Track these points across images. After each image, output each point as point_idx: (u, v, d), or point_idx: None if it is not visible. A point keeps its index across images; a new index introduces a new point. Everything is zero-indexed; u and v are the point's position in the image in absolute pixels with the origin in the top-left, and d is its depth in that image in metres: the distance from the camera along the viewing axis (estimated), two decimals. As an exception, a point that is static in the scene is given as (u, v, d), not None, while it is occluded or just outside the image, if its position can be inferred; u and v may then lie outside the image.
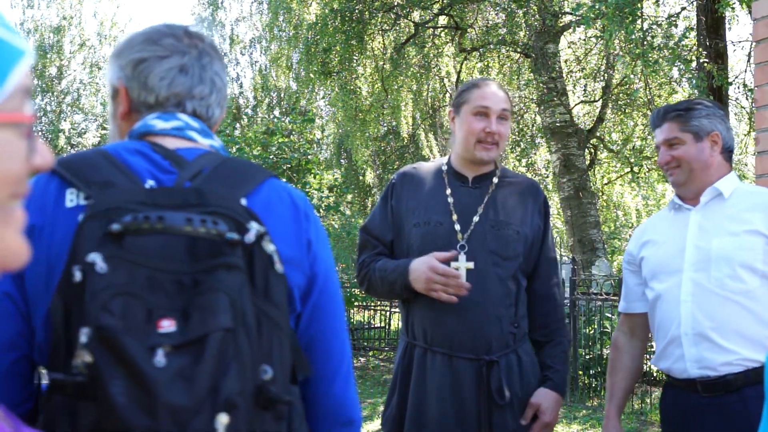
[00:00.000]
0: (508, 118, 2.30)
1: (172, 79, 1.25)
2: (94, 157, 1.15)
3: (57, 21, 25.66)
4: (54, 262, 1.07)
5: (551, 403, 2.22)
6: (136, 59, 1.25)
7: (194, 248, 1.03)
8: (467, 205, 2.27)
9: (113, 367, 0.92)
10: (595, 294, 7.48)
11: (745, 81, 10.31)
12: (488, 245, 2.21)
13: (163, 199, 1.08)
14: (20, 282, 1.09)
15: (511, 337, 2.21)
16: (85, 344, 0.93)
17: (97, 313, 0.94)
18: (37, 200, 1.10)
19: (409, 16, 12.94)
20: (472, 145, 2.26)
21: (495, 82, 2.40)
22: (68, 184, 1.12)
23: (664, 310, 2.15)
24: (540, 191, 2.37)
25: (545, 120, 11.80)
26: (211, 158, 1.21)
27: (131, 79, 1.25)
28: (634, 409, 6.07)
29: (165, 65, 1.26)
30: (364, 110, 13.62)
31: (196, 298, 0.99)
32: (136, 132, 1.23)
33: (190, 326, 0.97)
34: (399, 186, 2.38)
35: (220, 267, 1.01)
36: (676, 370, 2.12)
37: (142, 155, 1.18)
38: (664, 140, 2.18)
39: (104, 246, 0.99)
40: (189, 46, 1.28)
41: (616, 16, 7.62)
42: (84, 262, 0.97)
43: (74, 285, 0.98)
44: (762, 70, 2.81)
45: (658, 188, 19.60)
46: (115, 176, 1.13)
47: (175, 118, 1.24)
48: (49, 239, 1.09)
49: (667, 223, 2.25)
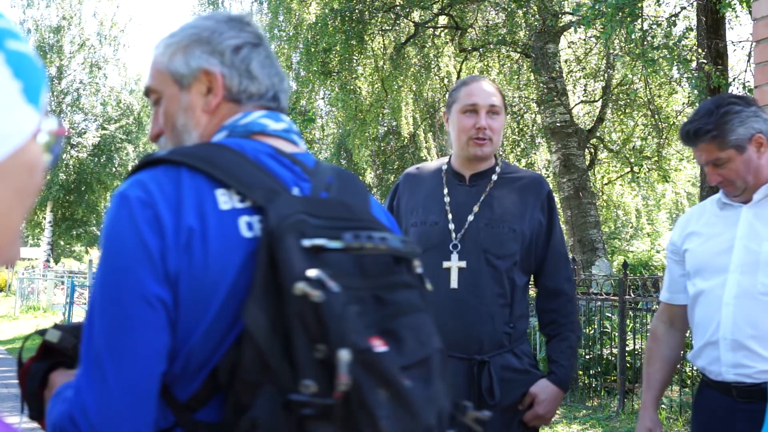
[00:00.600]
0: (499, 113, 2.29)
1: (269, 68, 1.18)
2: (232, 156, 1.05)
3: (57, 21, 25.67)
4: (218, 270, 0.97)
5: (548, 395, 2.19)
6: (234, 45, 1.15)
7: (362, 265, 0.99)
8: (463, 204, 2.27)
9: (376, 390, 0.88)
10: (595, 294, 7.48)
11: (745, 81, 10.30)
12: (481, 244, 2.20)
13: (320, 212, 1.00)
14: (174, 289, 0.97)
15: (505, 337, 2.19)
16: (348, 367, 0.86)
17: (353, 335, 0.88)
18: (190, 200, 0.98)
19: (409, 16, 12.95)
20: (465, 142, 2.26)
21: (485, 78, 2.39)
22: (218, 183, 1.01)
23: (705, 310, 2.07)
24: (543, 186, 2.32)
25: (545, 120, 11.81)
26: (324, 165, 1.15)
27: (231, 66, 1.14)
28: (635, 409, 6.07)
29: (261, 53, 1.17)
30: (364, 110, 13.63)
31: (400, 318, 0.96)
32: (243, 129, 1.12)
33: (409, 347, 0.95)
34: (402, 186, 2.41)
35: (399, 286, 1.01)
36: (711, 371, 2.06)
37: (274, 159, 1.09)
38: (706, 162, 2.04)
39: (315, 262, 0.92)
40: (259, 33, 1.20)
41: (616, 15, 7.63)
42: (307, 278, 0.89)
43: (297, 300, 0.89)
44: (762, 70, 2.82)
45: (658, 188, 19.62)
46: (269, 181, 1.04)
47: (281, 119, 1.16)
48: (206, 244, 0.97)
49: (714, 218, 2.13)
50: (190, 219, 0.97)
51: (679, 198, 22.41)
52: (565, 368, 2.23)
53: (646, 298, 6.71)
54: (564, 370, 2.23)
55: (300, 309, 0.89)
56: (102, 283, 0.98)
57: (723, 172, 2.02)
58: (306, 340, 0.89)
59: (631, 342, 6.55)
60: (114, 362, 0.94)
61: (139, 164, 1.04)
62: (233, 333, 0.96)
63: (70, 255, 35.69)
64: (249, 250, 0.98)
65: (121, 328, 0.95)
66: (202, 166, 1.01)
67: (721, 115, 1.99)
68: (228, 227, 0.98)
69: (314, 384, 0.87)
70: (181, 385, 0.98)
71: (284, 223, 0.94)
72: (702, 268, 2.10)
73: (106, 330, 0.95)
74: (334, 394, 0.86)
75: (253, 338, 0.91)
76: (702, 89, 8.08)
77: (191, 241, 0.96)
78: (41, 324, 14.09)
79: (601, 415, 6.12)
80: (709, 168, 2.04)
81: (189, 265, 0.96)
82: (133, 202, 0.98)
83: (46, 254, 25.83)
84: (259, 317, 0.91)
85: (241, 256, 0.98)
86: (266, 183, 1.03)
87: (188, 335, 0.97)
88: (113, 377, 0.94)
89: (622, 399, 6.23)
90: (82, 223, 28.04)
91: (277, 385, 0.89)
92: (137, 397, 0.95)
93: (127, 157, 28.35)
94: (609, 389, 6.78)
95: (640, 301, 6.76)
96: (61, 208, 26.79)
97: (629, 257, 16.42)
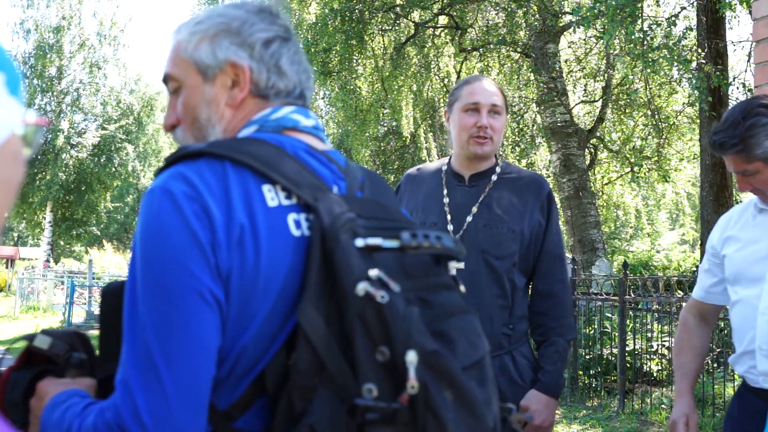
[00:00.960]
0: (501, 112, 2.28)
1: (298, 65, 1.13)
2: (275, 151, 1.00)
3: (57, 21, 25.66)
4: (268, 270, 0.93)
5: (540, 405, 2.16)
6: (264, 38, 1.10)
7: (405, 265, 0.97)
8: (462, 204, 2.26)
9: (443, 392, 0.86)
10: (595, 294, 7.48)
11: (745, 81, 10.31)
12: (480, 244, 2.19)
13: (363, 211, 0.97)
14: (226, 287, 0.92)
15: (504, 338, 2.18)
16: (416, 369, 0.83)
17: (419, 336, 0.85)
18: (238, 195, 0.94)
19: (409, 16, 12.95)
20: (466, 141, 2.26)
21: (487, 78, 2.39)
22: (264, 178, 0.96)
23: (742, 318, 2.05)
24: (543, 186, 2.30)
25: (545, 120, 11.81)
26: (353, 165, 1.13)
27: (260, 60, 1.09)
28: (635, 409, 6.08)
29: (291, 48, 1.12)
30: (364, 110, 13.63)
31: (449, 320, 0.94)
32: (275, 124, 1.08)
33: (461, 349, 0.93)
34: (403, 188, 2.41)
35: (441, 287, 0.99)
36: (749, 379, 2.06)
37: (312, 156, 1.06)
38: (734, 171, 2.02)
39: (370, 262, 0.90)
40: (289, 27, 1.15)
41: (616, 15, 7.63)
42: (369, 278, 0.87)
43: (358, 300, 0.86)
44: (762, 70, 2.81)
45: (658, 188, 19.62)
46: (312, 179, 1.01)
47: (310, 116, 1.12)
48: (257, 242, 0.93)
49: (752, 222, 2.09)
50: (240, 215, 0.93)
51: (679, 198, 22.41)
52: (550, 373, 2.19)
53: (646, 298, 6.71)
54: (550, 375, 2.19)
55: (362, 310, 0.86)
56: (148, 280, 0.90)
57: (752, 181, 1.98)
58: (368, 341, 0.85)
59: (631, 342, 6.54)
60: (169, 364, 0.88)
61: (175, 156, 0.98)
62: (282, 335, 0.93)
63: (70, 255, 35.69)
64: (298, 249, 0.95)
65: (175, 326, 0.89)
66: (248, 160, 0.96)
67: (747, 128, 1.92)
68: (277, 225, 0.95)
69: (376, 388, 0.84)
70: (223, 392, 0.93)
71: (338, 223, 0.92)
72: (739, 276, 2.08)
73: (158, 328, 0.89)
74: (402, 398, 0.83)
75: (309, 340, 0.87)
76: (702, 89, 8.07)
77: (243, 239, 0.92)
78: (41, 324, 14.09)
79: (601, 415, 6.12)
80: (739, 177, 2.01)
81: (241, 264, 0.92)
82: (179, 196, 0.92)
83: (46, 254, 25.83)
84: (315, 319, 0.88)
85: (290, 255, 0.94)
86: (311, 180, 1.00)
87: (238, 337, 0.92)
88: (170, 380, 0.88)
89: (622, 399, 6.23)
90: (82, 223, 28.02)
91: (333, 390, 0.86)
92: (195, 402, 0.89)
93: (127, 157, 28.36)
94: (609, 389, 6.77)
95: (640, 301, 6.76)
96: (61, 208, 26.78)
97: (629, 257, 16.43)
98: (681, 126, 13.86)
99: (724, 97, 9.36)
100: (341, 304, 0.88)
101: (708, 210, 9.33)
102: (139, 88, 30.31)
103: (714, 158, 9.15)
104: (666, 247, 20.97)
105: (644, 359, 6.68)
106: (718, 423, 5.50)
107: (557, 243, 2.30)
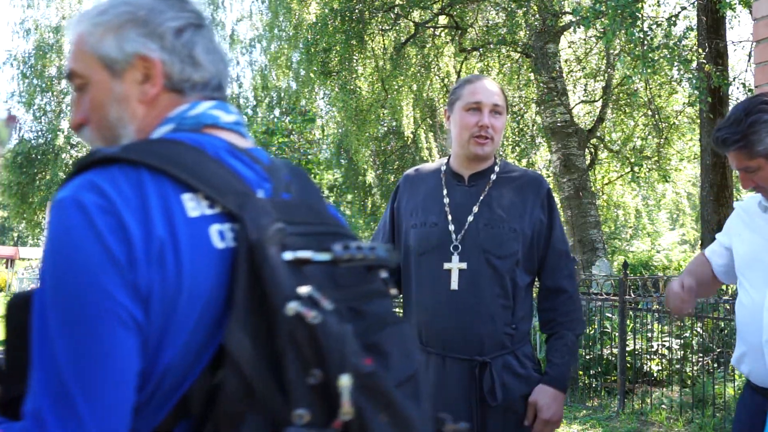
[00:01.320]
0: (502, 112, 2.29)
1: (214, 54, 1.05)
2: (194, 154, 0.93)
3: (57, 21, 25.66)
4: (191, 287, 0.86)
5: (548, 399, 2.16)
6: (175, 27, 1.01)
7: (335, 275, 0.91)
8: (462, 204, 2.26)
9: (377, 415, 0.82)
10: (595, 294, 7.48)
11: (745, 81, 10.31)
12: (481, 244, 2.19)
13: (292, 218, 0.91)
14: (145, 306, 0.84)
15: (507, 338, 2.18)
16: (350, 393, 0.79)
17: (353, 358, 0.81)
18: (156, 207, 0.86)
19: (409, 16, 12.95)
20: (467, 140, 2.25)
21: (488, 77, 2.39)
22: (184, 187, 0.89)
23: (747, 314, 2.06)
24: (542, 184, 2.31)
25: (545, 120, 11.81)
26: (277, 161, 1.05)
27: (172, 51, 1.01)
28: (634, 409, 6.07)
29: (206, 35, 1.05)
30: (364, 110, 13.64)
31: (382, 331, 0.90)
32: (193, 121, 1.01)
33: (395, 362, 0.89)
34: (402, 188, 2.41)
35: (374, 295, 0.94)
36: (755, 377, 2.06)
37: (234, 156, 0.98)
38: (737, 168, 2.04)
39: (300, 277, 0.84)
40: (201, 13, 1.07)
41: (616, 16, 7.63)
42: (299, 297, 0.81)
43: (289, 321, 0.80)
44: (762, 70, 2.81)
45: (658, 188, 19.62)
46: (236, 184, 0.93)
47: (231, 110, 1.05)
48: (179, 257, 0.85)
49: (758, 219, 2.12)
50: (159, 228, 0.85)
51: (679, 198, 22.41)
52: (558, 366, 2.20)
53: (646, 298, 6.72)
54: (558, 368, 2.20)
55: (292, 331, 0.80)
56: (59, 302, 0.82)
57: (755, 178, 2.00)
58: (299, 364, 0.80)
59: (631, 342, 6.54)
60: (86, 394, 0.80)
61: (84, 163, 0.89)
62: (207, 355, 0.86)
63: (70, 255, 35.62)
64: (223, 262, 0.88)
65: (91, 352, 0.81)
66: (166, 166, 0.88)
67: (749, 125, 1.95)
68: (199, 237, 0.87)
69: (308, 413, 0.79)
70: (144, 417, 0.86)
71: (265, 234, 0.85)
72: (745, 270, 2.10)
73: (72, 355, 0.81)
74: (335, 423, 0.79)
75: (236, 364, 0.81)
76: (702, 89, 8.08)
77: (163, 253, 0.84)
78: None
79: (601, 415, 6.12)
80: (742, 174, 2.03)
81: (161, 280, 0.84)
82: (91, 208, 0.84)
83: (46, 254, 25.81)
84: (243, 340, 0.82)
85: (215, 269, 0.87)
86: (235, 186, 0.92)
87: (160, 359, 0.85)
88: (88, 412, 0.80)
89: (622, 399, 6.23)
90: (82, 223, 28.00)
91: (263, 415, 0.81)
92: None
93: (127, 157, 28.32)
94: (609, 389, 6.77)
95: (640, 301, 6.76)
96: (61, 208, 26.76)
97: (629, 257, 16.43)
98: (681, 126, 13.86)
99: (725, 97, 9.36)
100: (270, 324, 0.82)
101: (708, 210, 9.33)
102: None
103: (714, 158, 9.16)
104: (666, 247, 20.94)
105: (644, 359, 6.68)
106: (718, 423, 5.50)
107: (561, 239, 2.31)
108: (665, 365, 6.81)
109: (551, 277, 2.28)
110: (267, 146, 9.44)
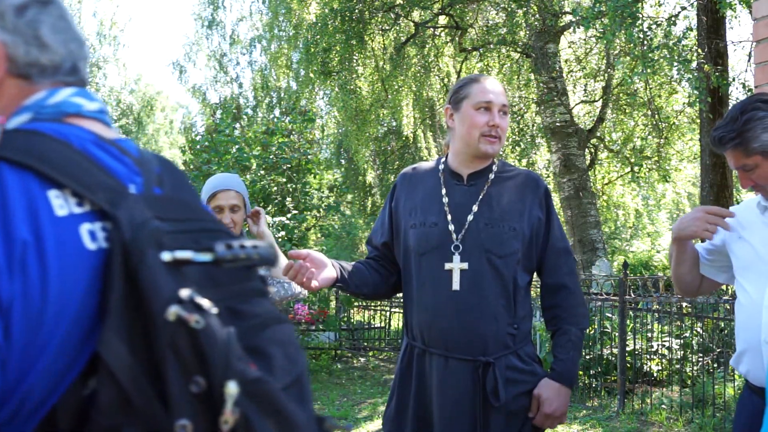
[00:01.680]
0: (507, 112, 2.30)
1: (65, 33, 0.95)
2: (59, 147, 0.85)
3: None
4: (59, 293, 0.78)
5: (552, 393, 2.17)
6: (16, 4, 0.91)
7: (212, 273, 0.86)
8: (461, 204, 2.26)
9: (264, 421, 0.78)
10: (595, 294, 7.48)
11: (744, 81, 10.30)
12: (483, 244, 2.19)
13: (166, 214, 0.86)
14: (6, 319, 0.75)
15: (510, 338, 2.18)
16: (236, 400, 0.75)
17: (239, 364, 0.76)
18: (19, 206, 0.78)
19: (409, 16, 12.95)
20: (476, 139, 2.24)
21: (491, 77, 2.39)
22: (50, 183, 0.81)
23: (746, 314, 2.06)
24: (540, 183, 2.31)
25: (545, 120, 11.81)
26: (147, 153, 0.98)
27: (15, 32, 0.90)
28: (634, 409, 6.07)
29: (53, 12, 0.94)
30: (364, 110, 13.64)
31: (264, 332, 0.86)
32: (54, 110, 0.92)
33: (279, 365, 0.85)
34: (399, 188, 2.40)
35: (254, 294, 0.90)
36: (753, 377, 2.05)
37: (101, 149, 0.90)
38: (735, 167, 2.05)
39: (178, 278, 0.79)
40: None
41: (616, 16, 7.63)
42: (180, 300, 0.76)
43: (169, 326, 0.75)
44: (762, 70, 2.81)
45: (658, 188, 19.62)
46: (106, 179, 0.86)
47: (93, 98, 0.97)
48: (44, 261, 0.77)
49: (757, 219, 2.12)
50: (22, 230, 0.76)
51: (679, 198, 22.41)
52: (564, 362, 2.20)
53: (646, 298, 6.72)
54: (563, 363, 2.20)
55: (173, 337, 0.75)
56: None
57: (753, 176, 2.01)
58: (181, 372, 0.75)
59: (631, 342, 6.55)
60: None
61: None
62: (78, 365, 0.79)
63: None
64: (95, 265, 0.81)
65: None
66: (29, 161, 0.80)
67: (744, 123, 1.96)
68: (68, 238, 0.79)
69: (191, 423, 0.75)
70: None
71: (141, 234, 0.79)
72: (743, 272, 2.09)
73: None
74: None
75: (112, 374, 0.75)
76: (702, 89, 8.08)
77: (26, 258, 0.76)
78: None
79: (601, 415, 6.12)
80: (740, 173, 2.04)
81: (24, 290, 0.75)
82: None
83: (46, 254, 25.83)
84: (119, 349, 0.75)
85: (86, 273, 0.80)
86: (105, 181, 0.85)
87: (24, 375, 0.76)
88: None
89: (622, 399, 6.23)
90: (82, 223, 28.02)
91: (141, 428, 0.75)
92: None
93: (127, 157, 28.32)
94: (609, 389, 6.77)
95: (640, 301, 6.76)
96: (60, 208, 26.78)
97: (629, 257, 16.43)
98: (681, 126, 13.87)
99: (724, 97, 9.36)
100: (149, 330, 0.76)
101: (708, 210, 9.32)
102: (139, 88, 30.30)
103: (714, 158, 9.16)
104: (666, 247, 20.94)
105: (644, 359, 6.68)
106: (719, 423, 5.50)
107: (560, 237, 2.31)
108: (665, 365, 6.82)
109: (552, 274, 2.28)
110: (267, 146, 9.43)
